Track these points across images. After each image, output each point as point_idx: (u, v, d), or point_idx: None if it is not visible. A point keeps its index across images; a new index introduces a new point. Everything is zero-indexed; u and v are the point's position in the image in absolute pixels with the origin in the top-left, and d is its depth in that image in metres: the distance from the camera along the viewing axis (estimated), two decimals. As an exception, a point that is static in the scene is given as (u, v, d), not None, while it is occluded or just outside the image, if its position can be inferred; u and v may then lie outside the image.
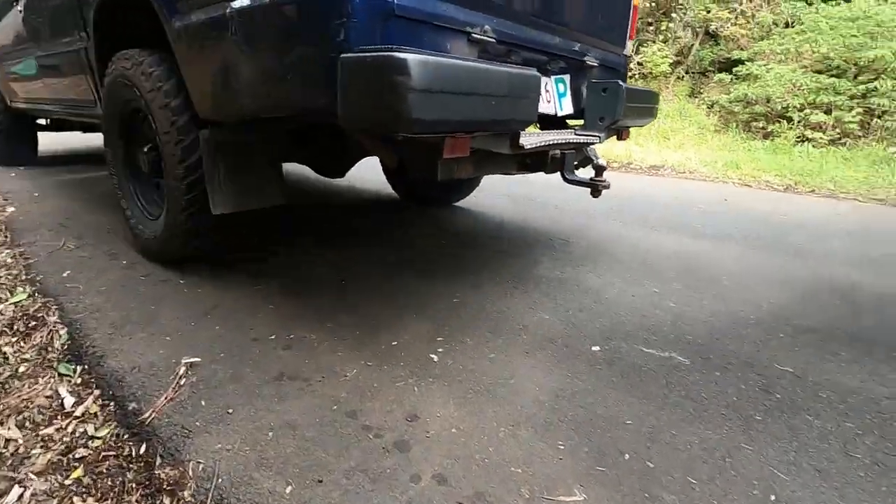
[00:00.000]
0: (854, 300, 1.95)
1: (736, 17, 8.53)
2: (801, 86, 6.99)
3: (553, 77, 1.97)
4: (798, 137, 6.86)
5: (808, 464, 1.05)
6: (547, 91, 1.92)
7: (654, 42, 9.12)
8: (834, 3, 7.60)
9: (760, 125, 7.39)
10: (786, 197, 4.31)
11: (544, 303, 1.81)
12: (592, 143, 1.95)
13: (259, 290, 1.83)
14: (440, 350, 1.47)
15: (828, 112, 6.79)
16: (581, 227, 2.89)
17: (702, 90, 8.81)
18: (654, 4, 9.28)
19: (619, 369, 1.39)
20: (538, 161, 1.84)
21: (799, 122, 6.94)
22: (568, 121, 2.24)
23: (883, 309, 1.88)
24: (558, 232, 2.74)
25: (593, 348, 1.50)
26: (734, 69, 8.19)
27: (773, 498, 0.96)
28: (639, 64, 8.94)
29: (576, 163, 1.93)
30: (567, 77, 2.05)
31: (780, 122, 7.16)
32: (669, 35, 9.04)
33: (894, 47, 6.45)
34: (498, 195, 3.60)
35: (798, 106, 6.96)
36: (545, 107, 1.92)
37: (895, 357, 1.51)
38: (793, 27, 7.73)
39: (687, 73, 8.95)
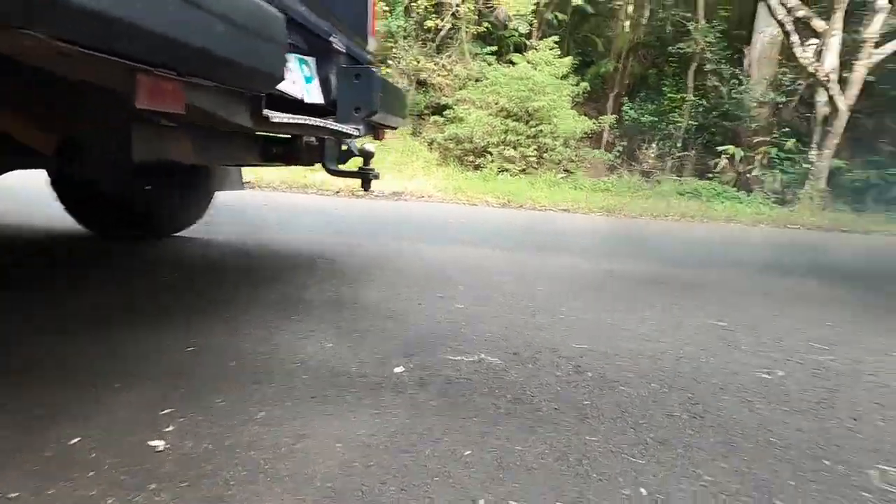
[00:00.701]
0: (597, 280, 2.20)
1: (439, 69, 9.89)
2: (495, 127, 8.52)
3: (295, 55, 1.62)
4: (499, 168, 8.30)
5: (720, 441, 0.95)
6: (289, 69, 1.55)
7: (375, 84, 9.75)
8: (505, 65, 9.61)
9: (470, 159, 8.66)
10: (508, 211, 4.99)
11: (323, 328, 1.39)
12: (352, 136, 1.67)
13: None
14: (169, 429, 0.89)
15: (515, 148, 8.43)
16: (352, 245, 2.57)
17: (422, 130, 9.84)
18: (371, 51, 9.97)
19: (435, 388, 1.10)
20: (290, 149, 1.44)
21: (497, 156, 8.42)
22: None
23: (612, 280, 2.17)
24: (320, 253, 2.35)
25: (396, 370, 1.17)
26: (444, 112, 9.43)
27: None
28: (365, 103, 9.37)
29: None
30: (312, 61, 1.73)
31: (484, 156, 8.53)
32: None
33: (547, 100, 8.53)
34: (230, 224, 2.97)
35: (495, 143, 8.44)
36: (291, 87, 1.55)
37: (647, 318, 1.68)
38: (481, 81, 9.42)
39: (409, 114, 9.86)
